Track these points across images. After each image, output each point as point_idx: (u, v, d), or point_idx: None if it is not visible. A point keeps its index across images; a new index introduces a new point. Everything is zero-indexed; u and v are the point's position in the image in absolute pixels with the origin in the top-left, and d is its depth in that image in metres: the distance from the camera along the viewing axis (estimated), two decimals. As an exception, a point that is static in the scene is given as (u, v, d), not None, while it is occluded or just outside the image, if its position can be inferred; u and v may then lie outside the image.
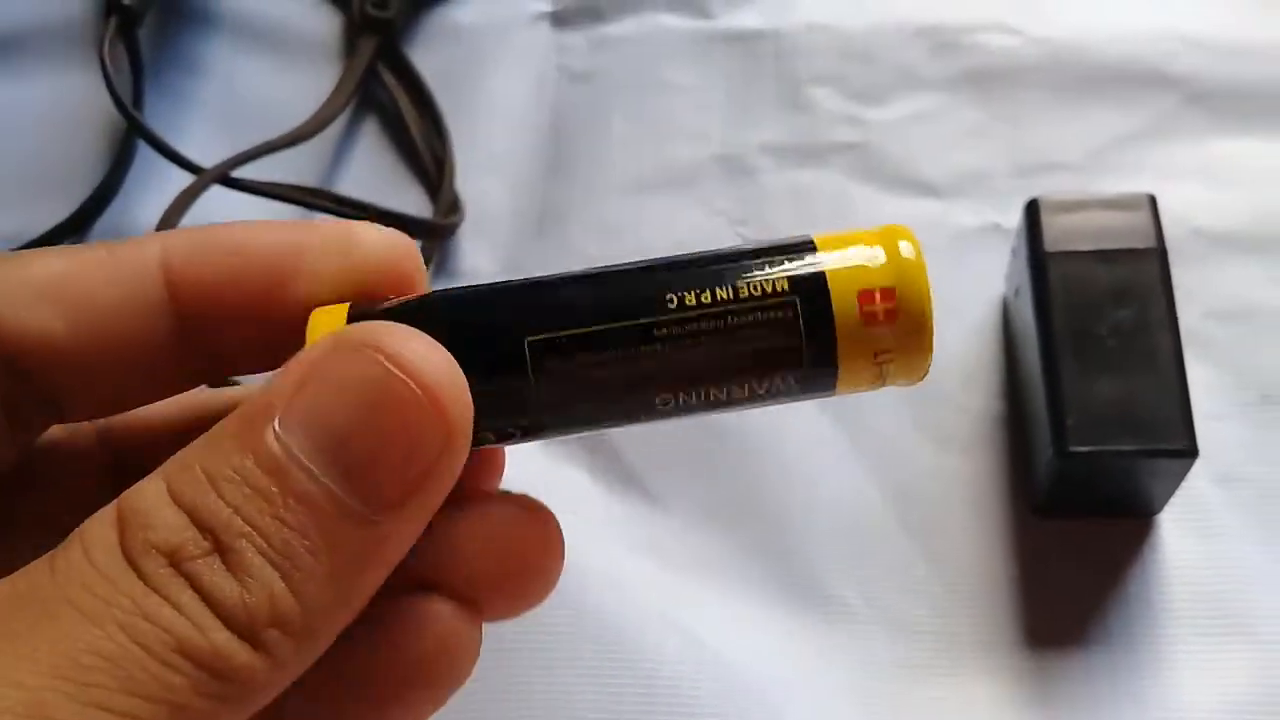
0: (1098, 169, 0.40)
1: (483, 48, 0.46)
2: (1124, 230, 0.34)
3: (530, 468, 0.37)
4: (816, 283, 0.19)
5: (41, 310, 0.20)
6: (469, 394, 0.18)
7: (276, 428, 0.17)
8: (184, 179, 0.41)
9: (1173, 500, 0.34)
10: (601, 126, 0.43)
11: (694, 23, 0.45)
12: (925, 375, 0.20)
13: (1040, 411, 0.33)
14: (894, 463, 0.37)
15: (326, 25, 0.47)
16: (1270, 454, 0.36)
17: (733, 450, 0.37)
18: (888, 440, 0.37)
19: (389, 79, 0.45)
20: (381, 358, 0.18)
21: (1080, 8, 0.43)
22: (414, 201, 0.43)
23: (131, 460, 0.23)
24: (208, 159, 0.41)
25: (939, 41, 0.43)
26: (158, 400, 0.23)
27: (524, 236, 0.42)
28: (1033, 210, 0.35)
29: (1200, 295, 0.37)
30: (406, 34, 0.46)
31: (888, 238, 0.19)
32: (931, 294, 0.19)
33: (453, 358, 0.18)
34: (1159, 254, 0.34)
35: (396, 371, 0.18)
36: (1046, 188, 0.39)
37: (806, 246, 0.19)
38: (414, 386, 0.18)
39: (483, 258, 0.42)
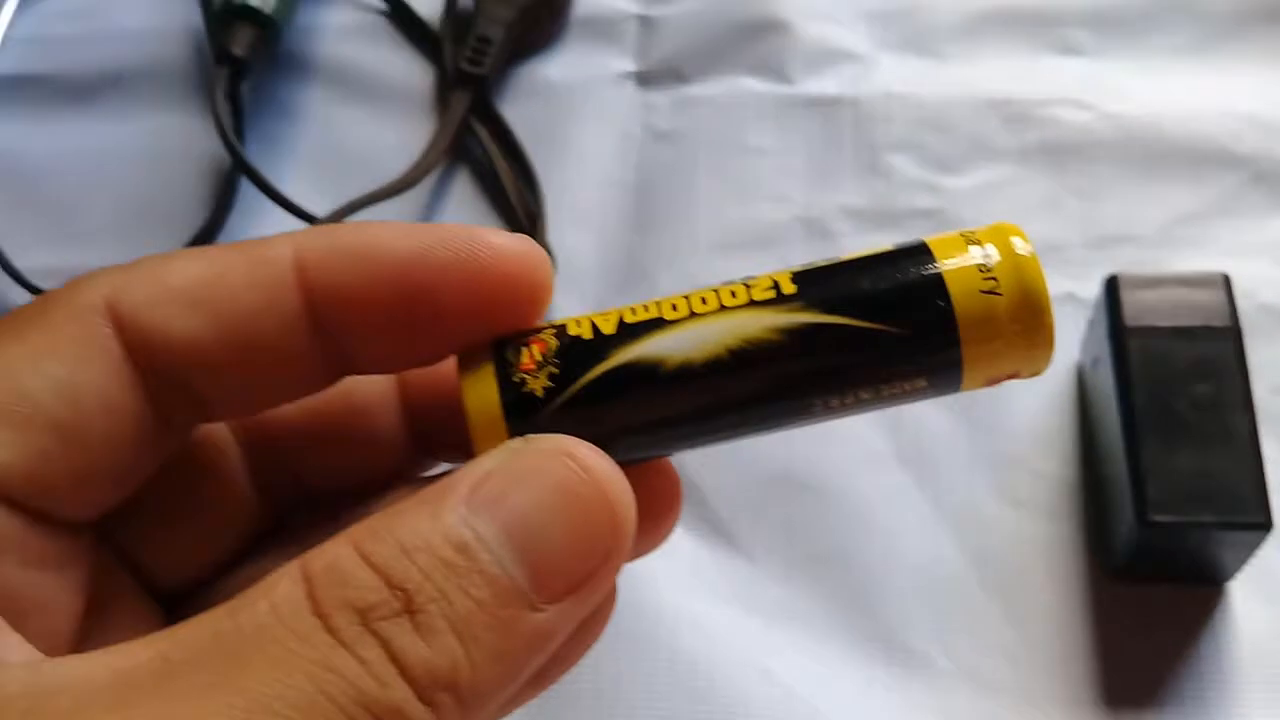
0: (1167, 243, 0.42)
1: (570, 104, 0.47)
2: (1201, 308, 0.36)
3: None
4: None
5: (189, 317, 0.21)
6: (633, 502, 0.20)
7: (465, 509, 0.19)
8: (282, 220, 0.43)
9: (1244, 568, 0.36)
10: (686, 184, 0.45)
11: (775, 87, 0.47)
12: (1047, 366, 0.21)
13: (1120, 480, 0.35)
14: (973, 523, 0.38)
15: (420, 78, 0.49)
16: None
17: (818, 504, 0.39)
18: (967, 501, 0.39)
19: (482, 132, 0.46)
20: (572, 463, 0.19)
21: (1149, 86, 0.45)
22: (506, 252, 0.44)
23: (264, 449, 0.25)
24: (302, 203, 0.43)
25: (1012, 114, 0.45)
26: (295, 399, 0.23)
27: (611, 289, 0.44)
28: (1113, 286, 0.37)
29: (1268, 370, 0.39)
30: (497, 88, 0.48)
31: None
32: (1046, 285, 0.20)
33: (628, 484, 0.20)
34: (1234, 332, 0.36)
35: (584, 475, 0.19)
36: (1118, 259, 0.41)
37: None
38: (598, 490, 0.19)
39: (572, 310, 0.43)
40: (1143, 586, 0.37)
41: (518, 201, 0.45)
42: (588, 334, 0.21)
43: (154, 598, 0.24)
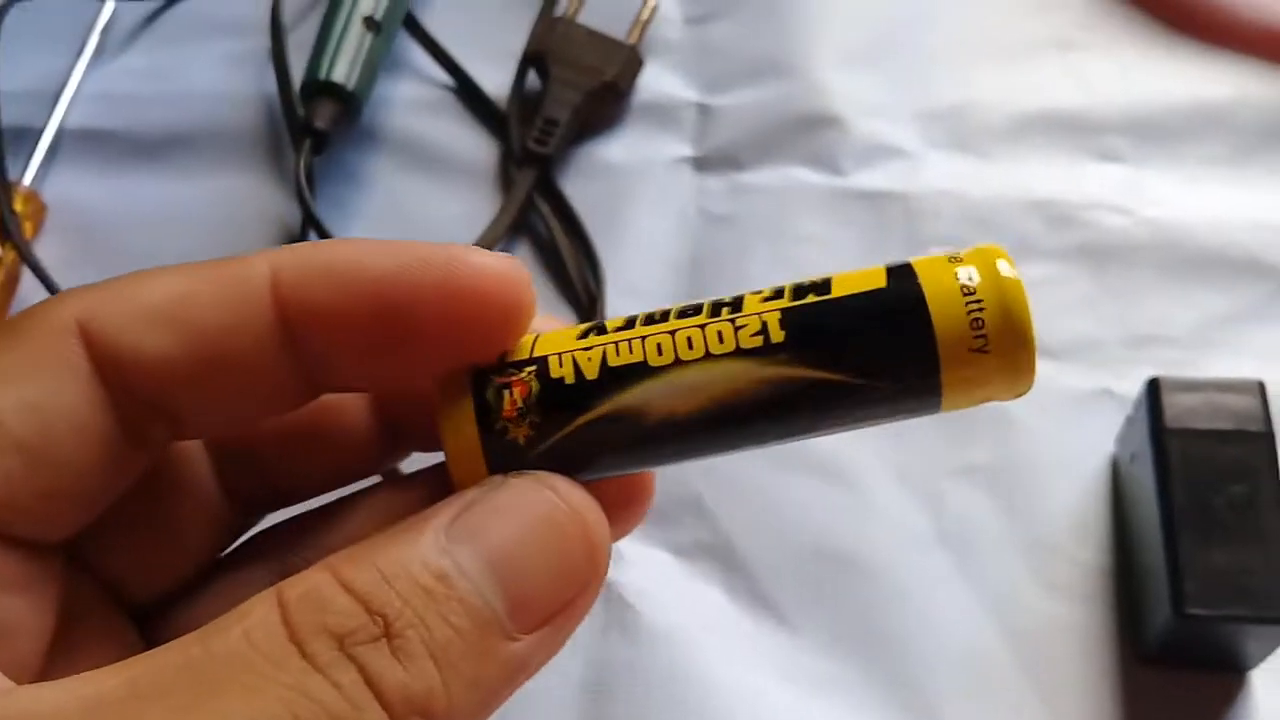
0: (1200, 345, 0.44)
1: (630, 185, 0.49)
2: (1237, 412, 0.38)
3: (668, 587, 0.41)
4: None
5: (161, 335, 0.21)
6: (608, 538, 0.20)
7: (445, 539, 0.19)
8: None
9: (1268, 659, 0.38)
10: (739, 268, 0.47)
11: (827, 179, 0.49)
12: (1029, 389, 0.21)
13: (1156, 571, 0.37)
14: (1010, 605, 0.40)
15: (485, 154, 0.51)
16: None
17: (860, 580, 0.41)
18: (1004, 583, 0.40)
19: (544, 209, 0.48)
20: (554, 496, 0.20)
21: (1185, 194, 0.47)
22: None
23: (234, 457, 0.25)
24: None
25: (1054, 215, 0.47)
26: (270, 417, 0.23)
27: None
28: (1154, 388, 0.39)
29: (1294, 471, 0.41)
30: (560, 167, 0.50)
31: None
32: (1030, 310, 0.20)
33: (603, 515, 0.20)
34: (1268, 438, 0.38)
35: (564, 508, 0.20)
36: (1153, 359, 0.43)
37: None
38: (578, 523, 0.20)
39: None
40: (1170, 673, 0.39)
41: (577, 277, 0.47)
42: (570, 377, 0.20)
43: (126, 613, 0.23)
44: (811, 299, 0.20)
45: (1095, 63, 0.51)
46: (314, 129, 0.46)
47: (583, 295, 0.47)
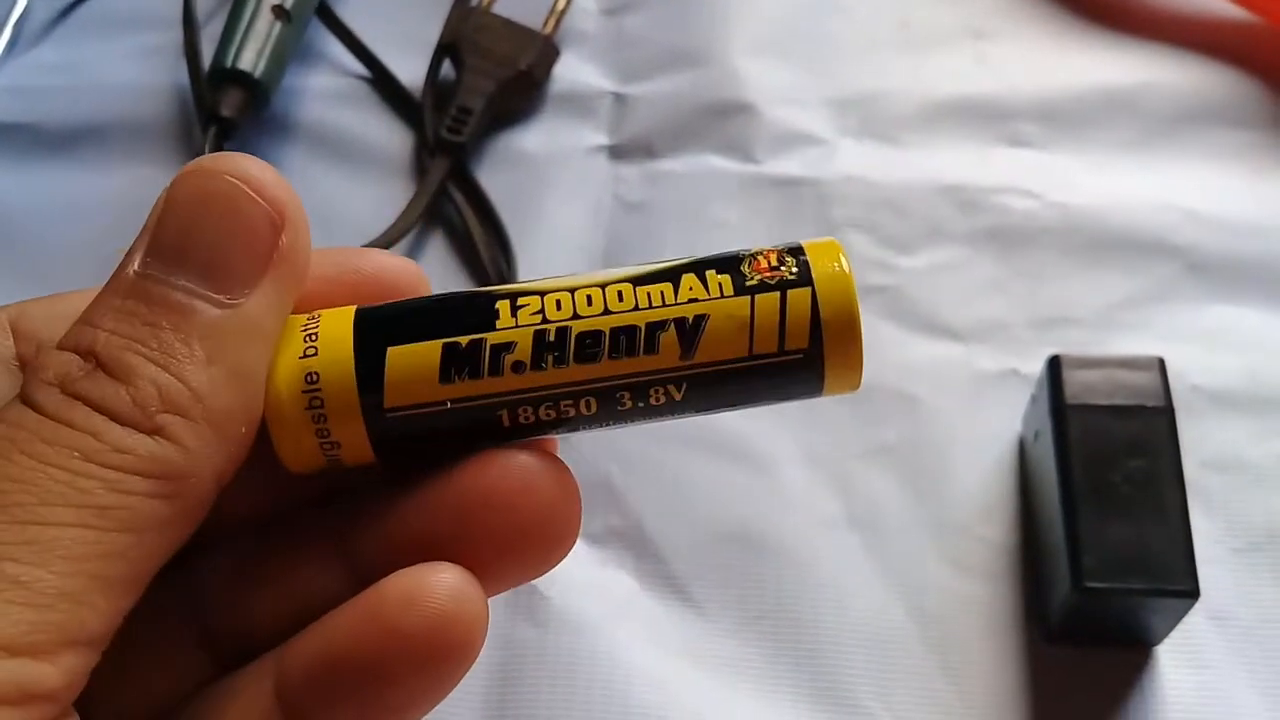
0: (1105, 326, 0.44)
1: (545, 173, 0.49)
2: (1137, 388, 0.38)
3: (577, 572, 0.41)
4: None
5: None
6: (287, 184, 0.21)
7: (136, 264, 0.20)
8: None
9: (1171, 634, 0.38)
10: (653, 254, 0.47)
11: (741, 166, 0.49)
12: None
13: (1057, 548, 0.37)
14: (917, 585, 0.40)
15: (399, 143, 0.50)
16: (1255, 596, 0.40)
17: (768, 562, 0.41)
18: (912, 564, 0.41)
19: (458, 197, 0.48)
20: (203, 169, 0.20)
21: (1093, 178, 0.48)
22: (478, 313, 0.46)
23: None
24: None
25: (964, 199, 0.47)
26: None
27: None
28: (1055, 365, 0.39)
29: (1196, 447, 0.41)
30: (474, 156, 0.50)
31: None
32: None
33: (272, 167, 0.20)
34: (1168, 412, 0.38)
35: (217, 173, 0.20)
36: (1059, 339, 0.44)
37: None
38: (232, 179, 0.20)
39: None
40: (1076, 649, 0.39)
41: (490, 265, 0.47)
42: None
43: None
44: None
45: (1005, 50, 0.51)
46: (220, 117, 0.46)
47: (495, 282, 0.46)
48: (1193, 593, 0.35)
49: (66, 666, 0.17)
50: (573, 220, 0.48)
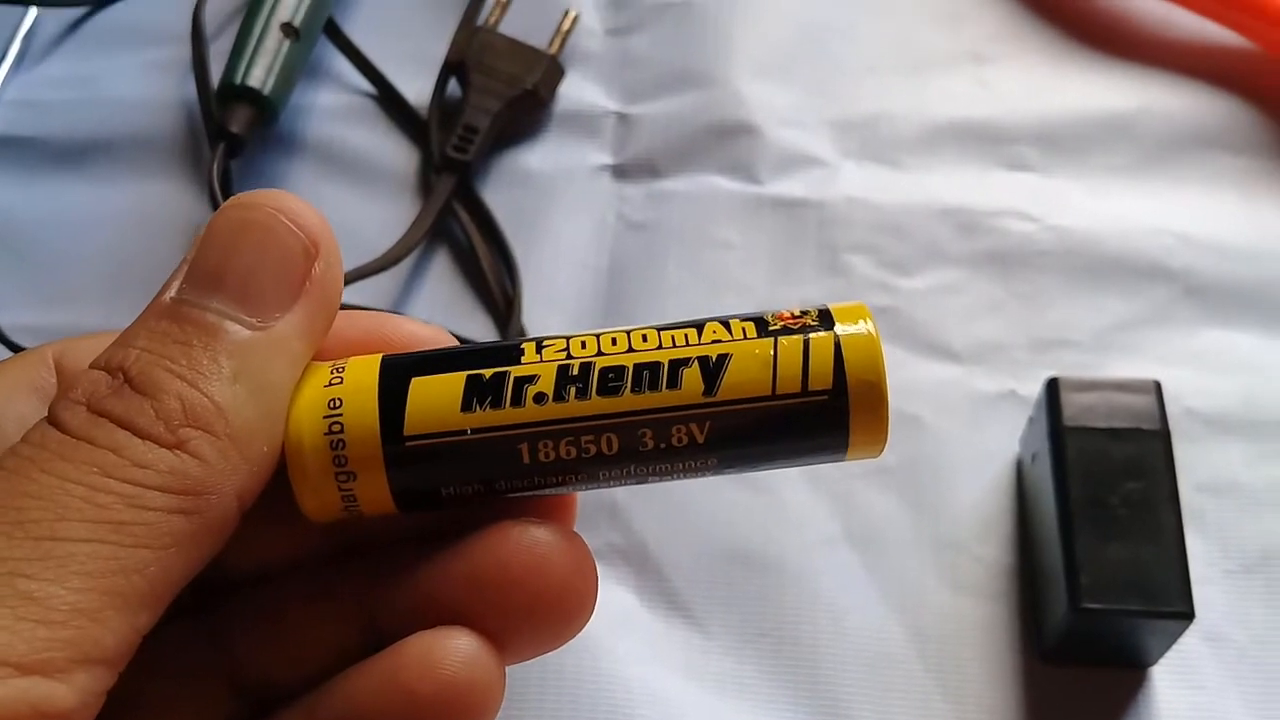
0: (1102, 348, 0.45)
1: (549, 192, 0.50)
2: (1133, 411, 0.39)
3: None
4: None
5: None
6: (324, 217, 0.21)
7: (173, 291, 0.20)
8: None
9: (1166, 655, 0.38)
10: (656, 273, 0.48)
11: (744, 186, 0.49)
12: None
13: (1054, 568, 0.38)
14: (915, 604, 0.41)
15: (405, 161, 0.51)
16: (1249, 618, 0.40)
17: (768, 580, 0.41)
18: (911, 583, 0.41)
19: (463, 215, 0.49)
20: (242, 202, 0.21)
21: (1091, 202, 0.48)
22: (482, 330, 0.47)
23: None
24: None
25: (963, 222, 0.48)
26: None
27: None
28: (1053, 388, 0.39)
29: (1191, 470, 0.42)
30: (480, 174, 0.50)
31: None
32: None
33: (309, 204, 0.21)
34: (1164, 436, 0.38)
35: (256, 205, 0.21)
36: (1057, 361, 0.44)
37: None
38: (270, 211, 0.20)
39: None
40: (1072, 669, 0.39)
41: (495, 282, 0.47)
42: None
43: None
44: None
45: (1005, 74, 0.52)
46: (229, 133, 0.47)
47: (499, 299, 0.47)
48: (1188, 614, 0.36)
49: (80, 685, 0.17)
50: (576, 239, 0.49)
